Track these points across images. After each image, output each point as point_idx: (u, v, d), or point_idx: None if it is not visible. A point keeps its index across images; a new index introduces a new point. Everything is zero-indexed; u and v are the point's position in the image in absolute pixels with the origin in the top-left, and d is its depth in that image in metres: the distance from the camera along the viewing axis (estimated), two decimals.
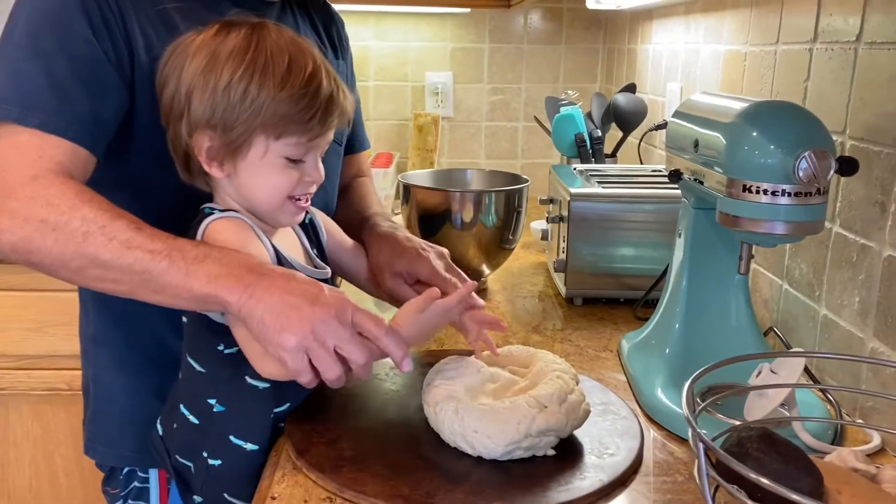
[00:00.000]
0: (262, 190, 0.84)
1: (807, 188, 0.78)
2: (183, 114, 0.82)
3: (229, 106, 0.79)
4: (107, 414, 1.04)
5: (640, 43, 2.00)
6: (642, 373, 1.01)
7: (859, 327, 0.93)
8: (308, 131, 0.82)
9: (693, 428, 0.59)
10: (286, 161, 0.83)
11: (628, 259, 1.30)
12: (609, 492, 0.75)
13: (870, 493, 0.62)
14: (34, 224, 0.76)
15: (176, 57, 0.83)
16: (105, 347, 1.02)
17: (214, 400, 0.85)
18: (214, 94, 0.80)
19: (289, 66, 0.80)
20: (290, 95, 0.80)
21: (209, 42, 0.82)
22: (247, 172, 0.83)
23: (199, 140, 0.82)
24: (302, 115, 0.81)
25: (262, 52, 0.80)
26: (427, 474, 0.75)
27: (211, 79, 0.80)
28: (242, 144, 0.81)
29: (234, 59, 0.80)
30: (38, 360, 1.77)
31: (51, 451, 1.81)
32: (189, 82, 0.81)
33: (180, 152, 0.85)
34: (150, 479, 1.03)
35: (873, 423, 0.89)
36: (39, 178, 0.78)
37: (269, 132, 0.81)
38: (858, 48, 0.95)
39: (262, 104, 0.79)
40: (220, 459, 0.85)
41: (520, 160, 2.42)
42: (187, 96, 0.81)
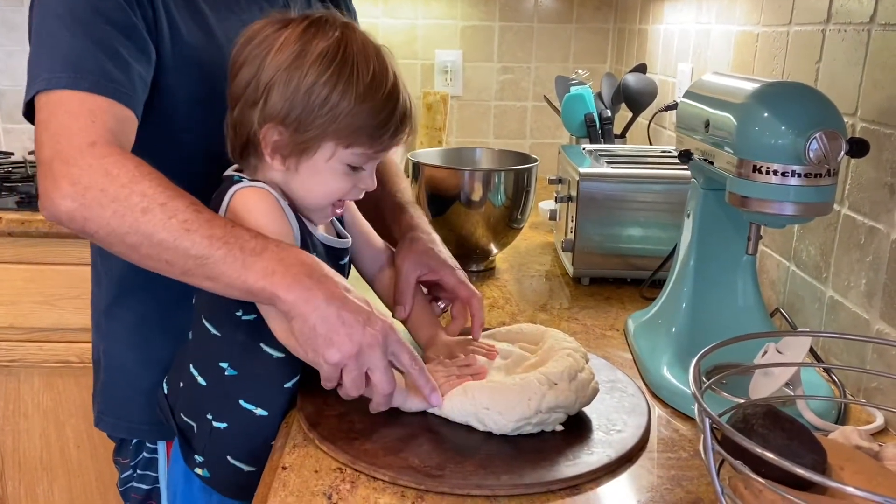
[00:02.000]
0: (318, 192, 0.85)
1: (817, 169, 0.78)
2: (258, 103, 0.81)
3: (307, 108, 0.80)
4: (117, 386, 1.05)
5: (651, 23, 1.99)
6: (648, 351, 1.01)
7: (865, 309, 0.94)
8: (378, 144, 0.83)
9: (700, 403, 0.60)
10: (347, 168, 0.84)
11: (635, 239, 1.31)
12: (616, 467, 0.76)
13: (872, 469, 0.63)
14: (94, 193, 0.76)
15: (259, 43, 0.82)
16: (116, 321, 1.04)
17: (227, 364, 0.86)
18: (296, 93, 0.79)
19: (372, 79, 0.80)
20: (370, 108, 0.80)
21: (298, 38, 0.81)
22: (307, 172, 0.84)
23: (269, 132, 0.82)
24: (377, 129, 0.82)
25: (349, 61, 0.80)
26: (437, 447, 0.77)
27: (295, 77, 0.79)
28: (311, 146, 0.82)
29: (322, 63, 0.79)
30: (49, 332, 1.79)
31: (62, 423, 1.84)
32: (271, 74, 0.80)
33: (242, 136, 0.84)
34: (158, 450, 1.05)
35: (877, 403, 0.90)
36: (98, 146, 0.78)
37: (340, 140, 0.81)
38: (872, 29, 0.94)
39: (340, 113, 0.80)
40: (225, 422, 0.87)
41: (528, 140, 2.41)
42: (267, 88, 0.81)
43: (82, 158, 0.77)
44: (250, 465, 0.87)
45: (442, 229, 1.39)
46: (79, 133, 0.78)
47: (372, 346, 0.75)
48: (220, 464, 0.88)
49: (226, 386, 0.86)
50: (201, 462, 0.89)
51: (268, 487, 0.73)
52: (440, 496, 0.71)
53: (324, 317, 0.75)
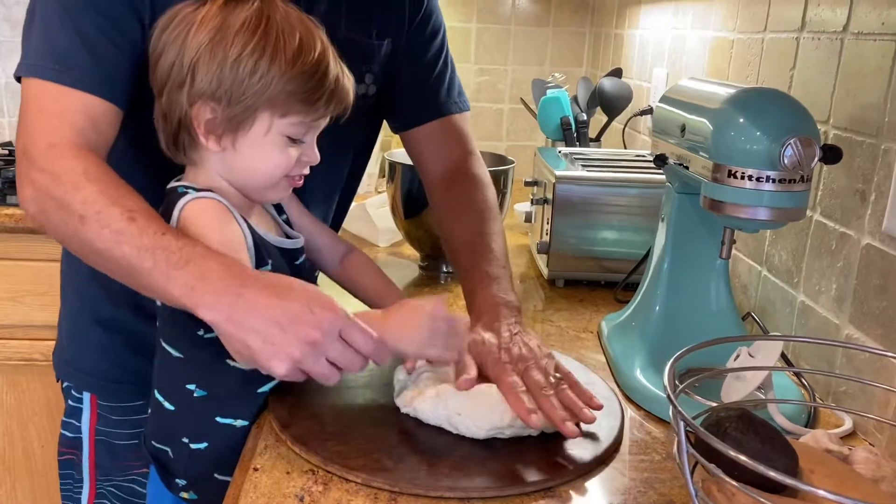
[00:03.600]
0: (262, 167, 0.83)
1: (791, 175, 0.79)
2: (184, 83, 0.80)
3: (237, 80, 0.78)
4: (62, 328, 1.10)
5: (627, 28, 2.01)
6: (622, 354, 1.02)
7: (835, 314, 0.95)
8: (313, 112, 0.82)
9: (674, 406, 0.60)
10: (287, 140, 0.83)
11: (610, 242, 1.31)
12: (589, 469, 0.76)
13: (842, 473, 0.64)
14: (47, 198, 0.77)
15: (177, 26, 0.81)
16: (72, 268, 1.06)
17: (195, 385, 0.84)
18: (223, 66, 0.78)
19: (300, 45, 0.80)
20: (300, 73, 0.79)
21: (217, 12, 0.80)
22: (246, 148, 0.82)
23: (201, 111, 0.80)
24: (310, 95, 0.81)
25: (274, 28, 0.79)
26: (411, 449, 0.76)
27: (219, 51, 0.78)
28: (246, 119, 0.80)
29: (245, 33, 0.78)
30: (13, 329, 1.75)
31: (25, 422, 1.80)
32: (195, 52, 0.79)
33: (173, 122, 0.83)
34: (83, 400, 1.06)
35: (846, 406, 0.91)
36: (57, 147, 0.78)
37: (275, 109, 0.80)
38: (845, 38, 0.96)
39: (271, 80, 0.78)
40: (205, 442, 0.85)
41: (504, 142, 2.42)
42: (191, 67, 0.79)
43: (41, 160, 0.78)
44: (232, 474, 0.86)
45: (418, 230, 1.39)
46: (43, 133, 0.79)
47: (314, 341, 0.72)
48: (206, 482, 0.86)
49: (197, 407, 0.84)
50: (185, 485, 0.87)
51: (238, 489, 0.72)
52: (414, 498, 0.70)
53: (254, 329, 0.71)
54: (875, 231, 0.87)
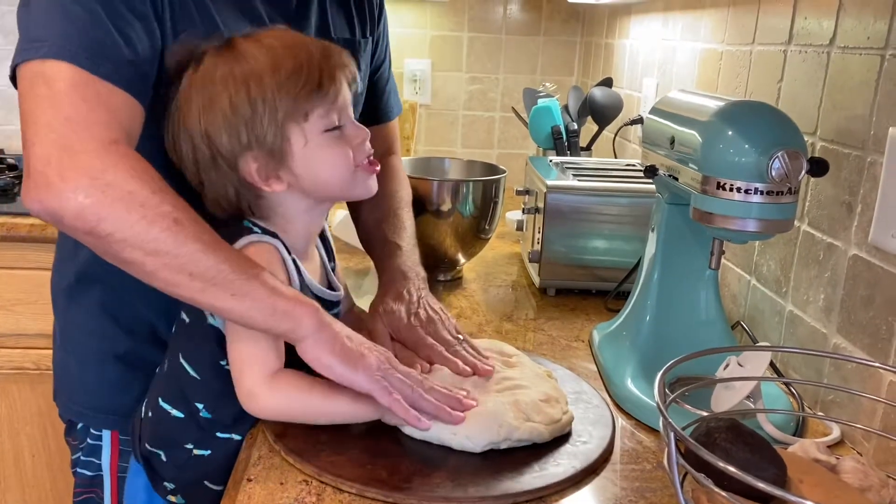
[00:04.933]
0: (327, 173, 0.84)
1: (779, 187, 0.80)
2: (215, 157, 0.81)
3: (248, 121, 0.79)
4: (68, 368, 1.04)
5: (617, 38, 2.02)
6: (612, 363, 1.03)
7: (823, 323, 0.96)
8: (325, 95, 0.82)
9: (664, 417, 0.61)
10: (328, 135, 0.83)
11: (601, 251, 1.32)
12: (581, 478, 0.77)
13: (830, 482, 0.65)
14: (119, 192, 0.70)
15: (173, 124, 0.82)
16: (75, 303, 1.01)
17: (203, 405, 0.85)
18: (227, 119, 0.79)
19: (271, 57, 0.80)
20: (289, 76, 0.79)
21: (192, 86, 0.81)
22: (304, 167, 0.82)
23: (245, 166, 0.81)
24: (310, 86, 0.80)
25: (242, 61, 0.80)
26: (404, 459, 0.77)
27: (217, 111, 0.79)
28: (283, 145, 0.81)
29: (224, 83, 0.79)
30: (4, 338, 1.74)
31: (17, 431, 1.79)
32: (199, 127, 0.80)
33: (230, 194, 0.83)
34: (102, 437, 1.03)
35: (834, 416, 0.92)
36: (120, 144, 0.74)
37: (296, 118, 0.81)
38: (831, 52, 0.97)
39: (273, 100, 0.79)
40: (209, 450, 0.86)
41: (496, 150, 2.43)
42: (207, 140, 0.80)
43: (106, 155, 0.71)
44: (220, 484, 0.87)
45: None
46: (98, 126, 0.73)
47: (382, 361, 0.80)
48: (195, 488, 0.87)
49: (201, 423, 0.86)
50: (173, 489, 0.88)
51: (232, 500, 0.72)
52: None
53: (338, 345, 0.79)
54: (862, 242, 0.89)
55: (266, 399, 0.79)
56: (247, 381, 0.79)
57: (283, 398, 0.79)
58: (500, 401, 0.82)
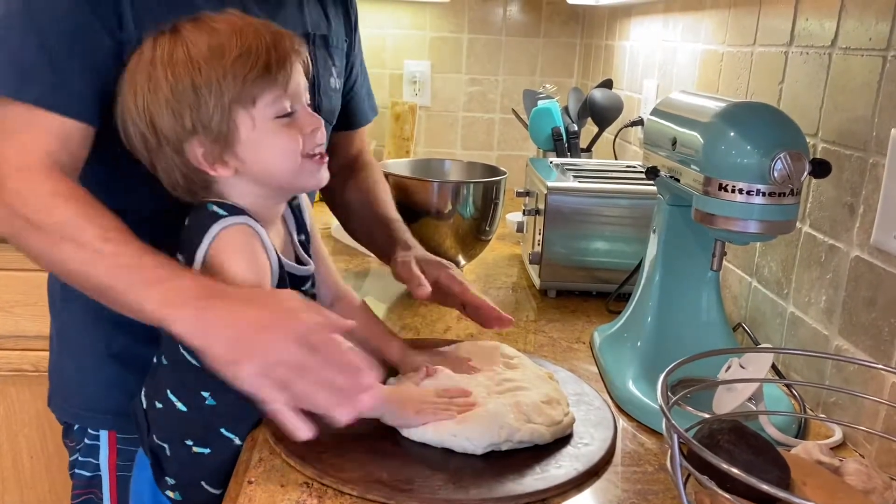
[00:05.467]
0: (275, 159, 0.82)
1: (781, 189, 0.80)
2: (160, 142, 0.80)
3: (191, 103, 0.78)
4: (65, 370, 1.04)
5: (617, 39, 2.02)
6: (614, 365, 1.02)
7: (825, 325, 0.96)
8: (275, 80, 0.80)
9: (668, 419, 0.60)
10: (279, 121, 0.81)
11: (602, 253, 1.32)
12: (583, 481, 0.77)
13: (833, 485, 0.64)
14: (18, 220, 0.78)
15: (121, 110, 0.82)
16: (70, 305, 1.02)
17: (208, 393, 0.83)
18: (170, 104, 0.78)
19: (212, 38, 0.79)
20: (235, 60, 0.78)
21: (136, 71, 0.80)
22: (251, 152, 0.81)
23: (191, 151, 0.80)
24: (258, 69, 0.79)
25: (180, 44, 0.79)
26: (405, 461, 0.76)
27: (160, 96, 0.78)
28: (229, 129, 0.80)
29: (167, 68, 0.78)
30: (3, 340, 1.74)
31: (15, 433, 1.78)
32: (143, 112, 0.80)
33: (180, 178, 0.83)
34: (100, 437, 1.03)
35: (836, 418, 0.92)
36: (26, 170, 0.79)
37: (243, 103, 0.79)
38: (833, 53, 0.97)
39: (218, 84, 0.78)
40: (208, 448, 0.85)
41: (495, 151, 2.43)
42: (150, 124, 0.80)
43: (10, 181, 0.78)
44: (221, 488, 0.86)
45: None
46: (13, 154, 0.80)
47: (280, 349, 0.71)
48: (193, 487, 0.86)
49: (206, 414, 0.84)
50: (173, 485, 0.87)
51: (233, 502, 0.72)
52: None
53: (220, 336, 0.73)
54: (864, 243, 0.89)
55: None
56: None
57: None
58: (501, 402, 0.82)
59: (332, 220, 1.75)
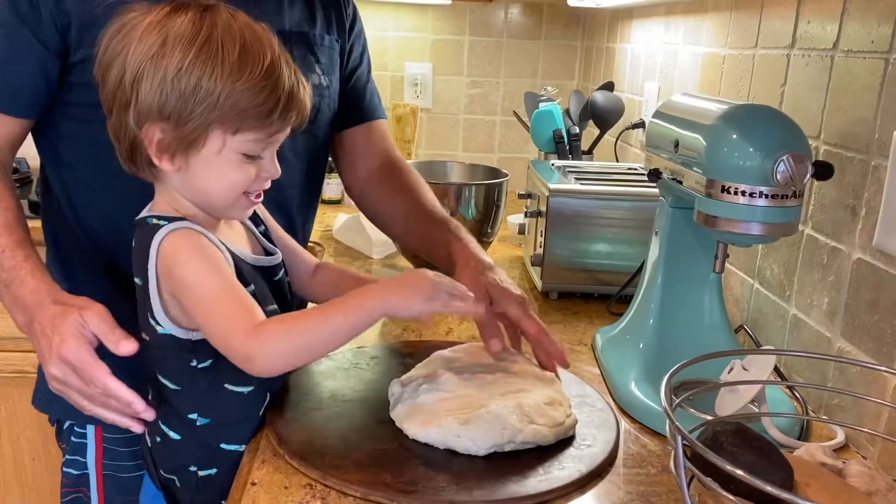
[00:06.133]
0: (217, 186, 0.79)
1: (783, 191, 0.80)
2: (130, 102, 0.75)
3: (182, 96, 0.74)
4: None
5: (618, 42, 2.02)
6: (616, 367, 1.03)
7: (827, 327, 0.96)
8: (268, 127, 0.77)
9: (671, 421, 0.61)
10: (243, 157, 0.78)
11: (603, 255, 1.32)
12: (586, 482, 0.77)
13: (836, 486, 0.64)
14: None
15: (122, 37, 0.76)
16: None
17: (196, 414, 0.83)
18: (164, 82, 0.73)
19: (242, 55, 0.75)
20: (247, 87, 0.74)
21: (160, 23, 0.75)
22: (201, 168, 0.78)
23: (150, 131, 0.76)
24: (262, 110, 0.76)
25: (213, 38, 0.74)
26: (409, 463, 0.76)
27: (161, 65, 0.73)
28: (198, 138, 0.76)
29: (184, 45, 0.73)
30: (5, 341, 1.74)
31: (16, 435, 1.79)
32: (137, 67, 0.74)
33: (125, 142, 0.79)
34: (87, 434, 1.02)
35: (838, 419, 0.92)
36: None
37: (226, 127, 0.76)
38: (835, 55, 0.97)
39: (217, 96, 0.74)
40: (214, 468, 0.84)
41: (496, 153, 2.43)
42: (135, 83, 0.75)
43: None
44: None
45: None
46: None
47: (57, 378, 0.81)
48: None
49: (202, 435, 0.83)
50: None
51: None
52: None
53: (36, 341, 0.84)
54: (866, 246, 0.89)
55: (263, 357, 0.74)
56: (236, 349, 0.74)
57: (277, 346, 0.74)
58: (504, 404, 0.82)
59: (332, 220, 1.76)
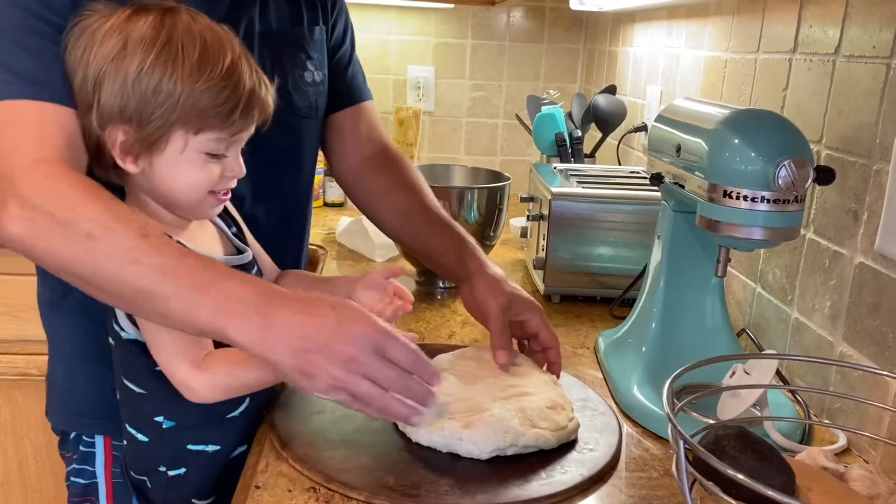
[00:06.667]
0: (182, 186, 0.79)
1: (785, 195, 0.80)
2: (92, 105, 0.76)
3: (143, 98, 0.74)
4: (59, 377, 1.03)
5: (621, 45, 2.03)
6: (618, 370, 1.03)
7: (829, 331, 0.96)
8: (229, 126, 0.78)
9: (673, 425, 0.61)
10: (206, 156, 0.79)
11: (606, 258, 1.32)
12: (588, 486, 0.77)
13: (838, 490, 0.65)
14: (42, 216, 0.71)
15: (84, 40, 0.76)
16: (60, 312, 1.01)
17: (161, 417, 0.83)
18: (125, 85, 0.74)
19: (202, 56, 0.75)
20: (207, 87, 0.75)
21: (120, 26, 0.75)
22: (164, 168, 0.78)
23: (113, 133, 0.77)
24: (222, 109, 0.76)
25: (172, 40, 0.75)
26: (412, 466, 0.77)
27: (122, 67, 0.74)
28: (159, 139, 0.76)
29: (144, 47, 0.74)
30: (10, 344, 1.75)
31: (21, 437, 1.79)
32: (98, 70, 0.75)
33: (91, 143, 0.79)
34: (95, 444, 1.02)
35: (840, 423, 0.92)
36: (44, 163, 0.73)
37: (188, 127, 0.76)
38: (837, 60, 0.97)
39: (177, 97, 0.74)
40: (183, 468, 0.84)
41: (499, 156, 2.43)
42: (96, 85, 0.75)
43: (29, 177, 0.72)
44: (209, 497, 0.86)
45: None
46: (27, 150, 0.74)
47: (351, 358, 0.69)
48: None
49: (168, 437, 0.84)
50: None
51: None
52: None
53: (284, 350, 0.69)
54: (867, 250, 0.89)
55: (202, 387, 0.76)
56: (179, 374, 0.76)
57: (219, 379, 0.76)
58: (506, 407, 0.82)
59: (335, 223, 1.76)
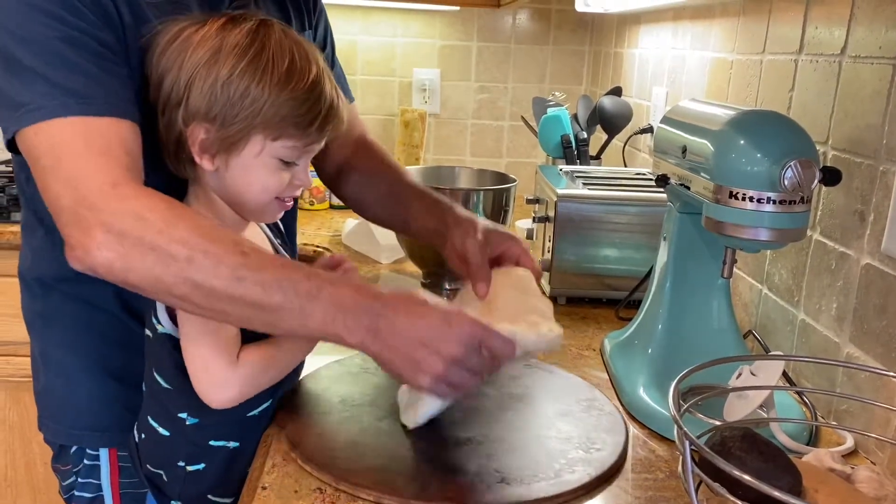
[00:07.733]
0: (252, 188, 0.84)
1: (791, 196, 0.80)
2: (181, 102, 0.80)
3: (229, 101, 0.79)
4: (56, 391, 1.00)
5: (626, 47, 2.03)
6: (624, 372, 1.03)
7: (836, 332, 0.96)
8: (306, 136, 0.83)
9: (680, 427, 0.61)
10: (279, 162, 0.83)
11: (612, 260, 1.32)
12: (595, 486, 0.77)
13: (845, 492, 0.65)
14: (131, 241, 0.71)
15: (178, 45, 0.81)
16: (51, 323, 0.98)
17: (185, 413, 0.84)
18: (214, 87, 0.79)
19: (289, 68, 0.80)
20: (291, 98, 0.80)
21: (214, 34, 0.81)
22: (238, 168, 0.83)
23: (195, 131, 0.81)
24: (302, 119, 0.81)
25: (265, 50, 0.80)
26: (420, 466, 0.77)
27: (213, 71, 0.79)
28: (239, 140, 0.81)
29: (236, 54, 0.79)
30: (17, 346, 1.75)
31: (28, 439, 1.80)
32: (190, 72, 0.80)
33: (172, 138, 0.83)
34: (100, 457, 1.01)
35: (847, 425, 0.92)
36: (121, 185, 0.73)
37: (267, 132, 0.81)
38: (843, 61, 0.97)
39: (262, 103, 0.79)
40: (202, 463, 0.86)
41: (504, 158, 2.43)
42: (187, 86, 0.80)
43: (111, 203, 0.72)
44: (228, 496, 0.87)
45: (420, 247, 1.40)
46: (98, 174, 0.73)
47: (459, 355, 0.75)
48: (201, 502, 0.87)
49: (190, 433, 0.85)
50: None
51: None
52: None
53: (398, 349, 0.75)
54: (874, 251, 0.89)
55: (238, 383, 0.80)
56: (217, 371, 0.79)
57: (250, 376, 0.81)
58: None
59: (341, 226, 1.76)
